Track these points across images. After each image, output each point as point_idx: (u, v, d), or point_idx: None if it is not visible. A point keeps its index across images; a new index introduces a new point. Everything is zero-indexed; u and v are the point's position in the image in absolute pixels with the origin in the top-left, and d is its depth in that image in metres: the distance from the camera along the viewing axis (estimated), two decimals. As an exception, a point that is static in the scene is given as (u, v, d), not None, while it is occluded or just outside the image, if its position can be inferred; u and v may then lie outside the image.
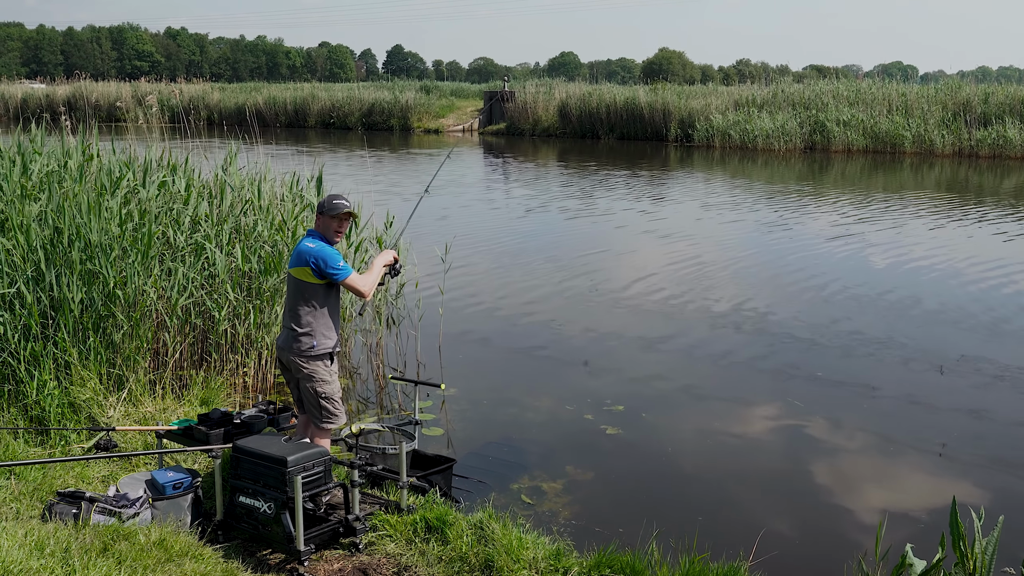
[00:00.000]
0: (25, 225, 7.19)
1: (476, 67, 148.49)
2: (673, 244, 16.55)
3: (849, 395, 8.75)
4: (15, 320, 6.86)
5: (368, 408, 8.45)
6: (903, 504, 6.59)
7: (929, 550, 4.76)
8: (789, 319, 11.38)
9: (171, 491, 5.56)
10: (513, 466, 7.12)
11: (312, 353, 5.68)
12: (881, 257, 15.31)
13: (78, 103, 44.98)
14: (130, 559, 4.78)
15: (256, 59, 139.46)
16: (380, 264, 6.02)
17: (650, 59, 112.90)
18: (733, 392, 8.90)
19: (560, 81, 49.87)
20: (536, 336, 10.70)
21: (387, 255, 6.10)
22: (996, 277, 13.81)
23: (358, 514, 5.48)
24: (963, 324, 11.19)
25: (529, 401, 8.67)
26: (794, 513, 6.58)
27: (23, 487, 5.82)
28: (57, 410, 6.69)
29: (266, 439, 5.55)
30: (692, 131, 39.09)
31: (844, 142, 35.09)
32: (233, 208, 9.12)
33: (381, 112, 51.37)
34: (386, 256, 6.09)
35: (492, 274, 14.01)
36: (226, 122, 43.13)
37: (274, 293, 8.45)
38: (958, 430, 7.94)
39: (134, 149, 10.37)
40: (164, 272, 7.95)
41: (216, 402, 7.48)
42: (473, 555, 5.24)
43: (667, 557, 5.33)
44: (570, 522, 6.19)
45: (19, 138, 9.24)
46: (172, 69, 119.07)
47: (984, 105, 34.68)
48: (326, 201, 5.84)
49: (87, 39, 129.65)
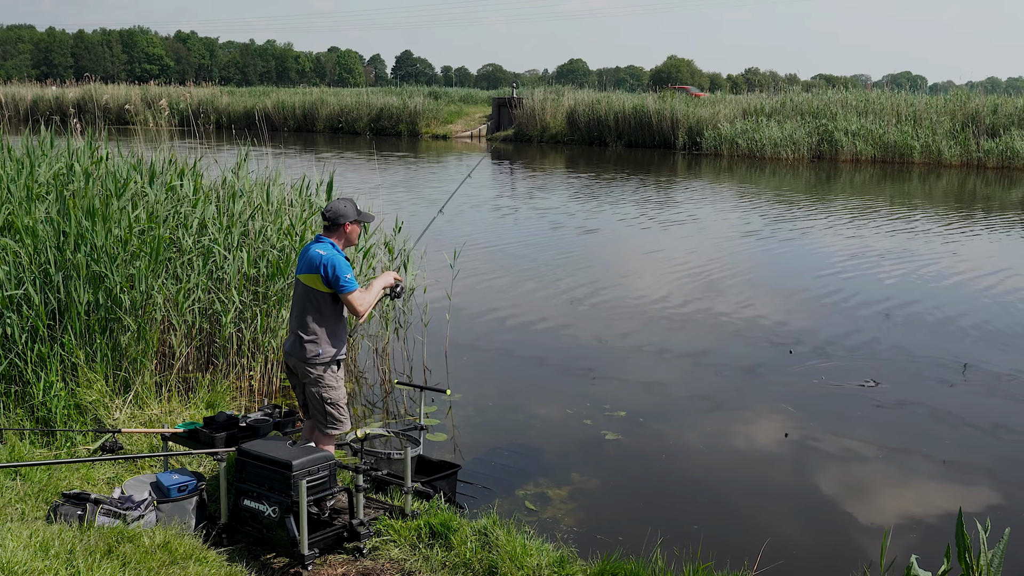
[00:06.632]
0: (32, 227, 7.22)
1: (485, 73, 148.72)
2: (679, 252, 16.54)
3: (855, 403, 8.72)
4: (22, 322, 6.88)
5: (374, 413, 8.45)
6: (909, 514, 6.57)
7: (935, 561, 4.74)
8: (794, 327, 11.36)
9: (176, 494, 5.57)
10: (518, 472, 7.11)
11: (318, 360, 5.68)
12: (889, 267, 15.27)
13: (88, 106, 45.06)
14: (134, 561, 4.79)
15: (265, 63, 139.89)
16: (380, 285, 5.94)
17: (659, 67, 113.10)
18: (739, 400, 8.88)
19: (569, 88, 49.83)
20: (542, 342, 10.70)
21: (388, 277, 6.02)
22: (1005, 287, 13.77)
23: (362, 519, 5.48)
24: (970, 334, 11.16)
25: (535, 407, 8.66)
26: (799, 522, 6.56)
27: (28, 488, 5.83)
28: (63, 412, 6.70)
29: (271, 443, 5.55)
30: (700, 139, 39.09)
31: (852, 152, 35.06)
32: (242, 212, 9.14)
33: (389, 117, 51.48)
34: (387, 278, 6.02)
35: (499, 280, 14.02)
36: (235, 126, 43.18)
37: (281, 297, 8.46)
38: (965, 440, 7.91)
39: (142, 152, 10.40)
40: (171, 275, 7.97)
41: (222, 405, 7.49)
42: (477, 561, 5.23)
43: (671, 565, 5.32)
44: (574, 529, 6.18)
45: (28, 140, 9.27)
46: (182, 73, 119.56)
47: (993, 116, 34.65)
48: (352, 208, 5.77)
49: (97, 42, 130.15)
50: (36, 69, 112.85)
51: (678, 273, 14.67)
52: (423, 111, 51.23)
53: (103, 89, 57.61)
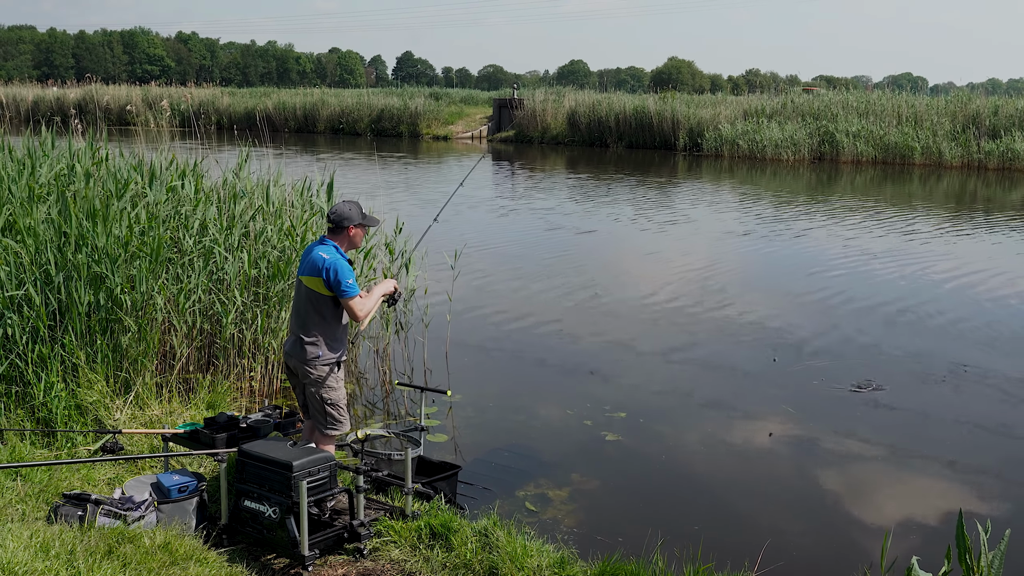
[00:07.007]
0: (33, 228, 7.22)
1: (485, 74, 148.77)
2: (679, 254, 16.53)
3: (855, 405, 8.72)
4: (23, 322, 6.88)
5: (374, 414, 8.45)
6: (909, 515, 6.57)
7: (935, 562, 4.74)
8: (795, 329, 11.36)
9: (176, 494, 5.57)
10: (518, 473, 7.11)
11: (319, 361, 5.67)
12: (890, 268, 15.27)
13: (88, 106, 45.08)
14: (135, 562, 4.79)
15: (266, 64, 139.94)
16: (379, 293, 5.94)
17: (659, 68, 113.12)
18: (739, 401, 8.88)
19: (569, 89, 49.83)
20: (543, 343, 10.70)
21: (387, 284, 6.03)
22: (1007, 289, 13.77)
23: (363, 519, 5.48)
24: (972, 336, 11.15)
25: (535, 408, 8.66)
26: (799, 523, 6.56)
27: (29, 488, 5.83)
28: (64, 412, 6.70)
29: (272, 444, 5.56)
30: (701, 140, 39.10)
31: (853, 153, 35.06)
32: (243, 213, 9.14)
33: (390, 118, 51.47)
34: (386, 286, 6.02)
35: (500, 281, 14.01)
36: (236, 127, 43.11)
37: (282, 298, 8.47)
38: (965, 441, 7.91)
39: (143, 153, 10.40)
40: (172, 276, 7.97)
41: (222, 406, 7.49)
42: (477, 562, 5.23)
43: (672, 566, 5.32)
44: (574, 530, 6.18)
45: (29, 140, 9.28)
46: (183, 73, 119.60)
47: (993, 117, 34.68)
48: (357, 212, 5.76)
49: (99, 43, 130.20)
50: (37, 70, 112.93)
51: (678, 274, 14.67)
52: (424, 112, 51.23)
53: (104, 90, 57.63)
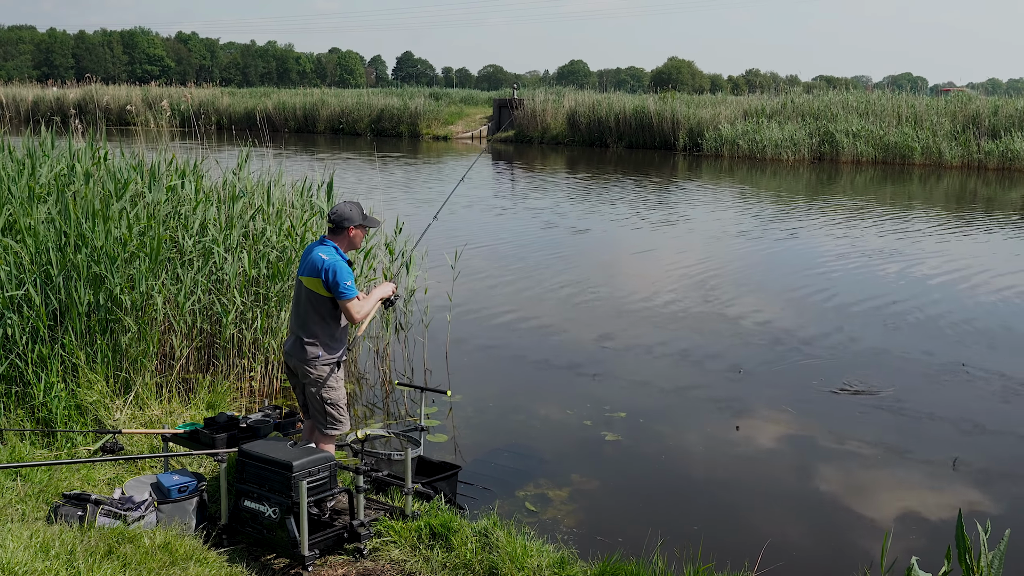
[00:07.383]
0: (33, 228, 7.22)
1: (485, 74, 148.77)
2: (679, 253, 16.53)
3: (855, 404, 8.72)
4: (23, 322, 6.89)
5: (374, 414, 8.45)
6: (910, 515, 6.57)
7: (935, 563, 4.74)
8: (795, 328, 11.36)
9: (176, 494, 5.57)
10: (518, 473, 7.11)
11: (319, 361, 5.67)
12: (890, 268, 15.27)
13: (88, 106, 45.08)
14: (135, 562, 4.79)
15: (266, 64, 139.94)
16: (377, 296, 5.94)
17: (659, 68, 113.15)
18: (739, 401, 8.87)
19: (569, 89, 49.86)
20: (543, 344, 10.70)
21: (386, 288, 6.02)
22: (1007, 289, 13.77)
23: (363, 520, 5.48)
24: (972, 335, 11.15)
25: (535, 408, 8.66)
26: (800, 523, 6.56)
27: (29, 489, 5.83)
28: (64, 412, 6.70)
29: (272, 444, 5.56)
30: (701, 140, 39.09)
31: (853, 153, 35.06)
32: (243, 213, 9.14)
33: (390, 118, 51.48)
34: (385, 289, 6.01)
35: (499, 281, 14.01)
36: (236, 127, 43.15)
37: (281, 298, 8.47)
38: (965, 441, 7.90)
39: (143, 153, 10.40)
40: (172, 276, 7.97)
41: (222, 406, 7.49)
42: (477, 562, 5.23)
43: (672, 567, 5.32)
44: (574, 530, 6.18)
45: (29, 141, 9.28)
46: (182, 73, 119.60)
47: (993, 117, 34.69)
48: (358, 212, 5.75)
49: (98, 43, 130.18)
50: (37, 70, 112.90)
51: (678, 274, 14.67)
52: (424, 112, 51.24)
53: (104, 90, 57.63)
